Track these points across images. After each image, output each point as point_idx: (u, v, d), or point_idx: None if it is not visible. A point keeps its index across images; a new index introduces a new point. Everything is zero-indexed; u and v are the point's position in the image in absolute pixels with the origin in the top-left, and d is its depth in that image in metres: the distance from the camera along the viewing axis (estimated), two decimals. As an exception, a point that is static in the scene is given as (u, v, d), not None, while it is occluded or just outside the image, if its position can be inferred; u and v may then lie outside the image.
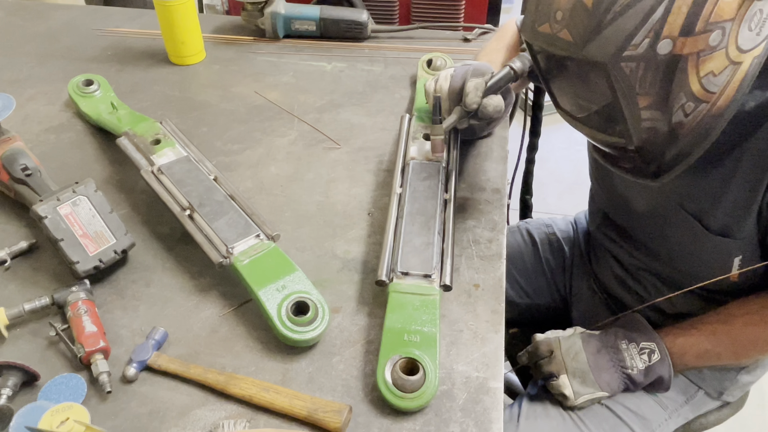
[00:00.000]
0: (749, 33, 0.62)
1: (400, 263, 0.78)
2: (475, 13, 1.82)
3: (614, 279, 1.06)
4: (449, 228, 0.83)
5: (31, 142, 1.07)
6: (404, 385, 0.67)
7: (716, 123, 0.66)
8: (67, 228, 0.80)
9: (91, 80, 1.15)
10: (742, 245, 0.82)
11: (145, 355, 0.72)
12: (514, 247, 1.20)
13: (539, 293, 1.18)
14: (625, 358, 0.89)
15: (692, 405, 1.00)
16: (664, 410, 0.98)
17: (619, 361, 0.90)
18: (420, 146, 0.96)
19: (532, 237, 1.22)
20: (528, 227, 1.24)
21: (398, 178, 0.92)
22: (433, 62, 1.18)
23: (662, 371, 0.89)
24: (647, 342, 0.89)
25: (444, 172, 0.92)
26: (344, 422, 0.66)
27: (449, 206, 0.86)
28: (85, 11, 1.54)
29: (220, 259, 0.78)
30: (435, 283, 0.76)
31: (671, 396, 0.98)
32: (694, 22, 0.59)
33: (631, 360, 0.89)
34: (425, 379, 0.68)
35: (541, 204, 1.71)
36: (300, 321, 0.72)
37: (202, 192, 0.86)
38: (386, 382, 0.68)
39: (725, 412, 1.05)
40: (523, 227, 1.25)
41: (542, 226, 1.24)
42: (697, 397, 1.00)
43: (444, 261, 0.78)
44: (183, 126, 1.09)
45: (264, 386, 0.69)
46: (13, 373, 0.69)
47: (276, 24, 1.34)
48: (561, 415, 0.94)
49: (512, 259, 1.19)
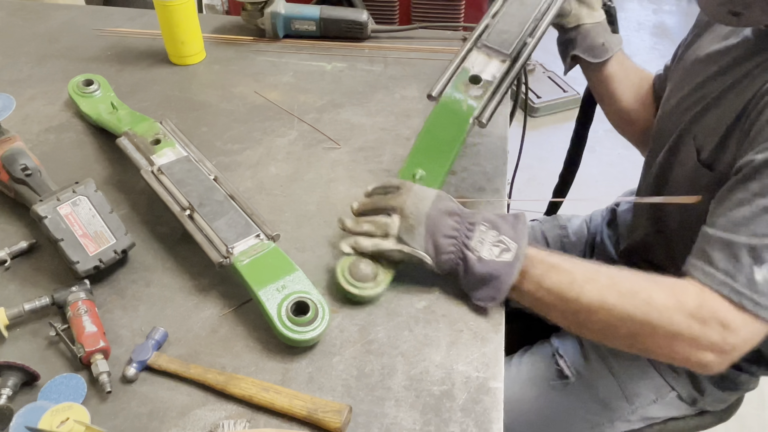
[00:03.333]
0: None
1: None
2: (475, 13, 1.82)
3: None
4: None
5: (31, 142, 1.07)
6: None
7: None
8: (67, 228, 0.80)
9: (91, 80, 1.15)
10: (720, 183, 0.80)
11: (145, 355, 0.72)
12: None
13: None
14: (473, 236, 0.74)
15: (663, 405, 0.99)
16: (629, 404, 0.97)
17: (465, 236, 0.75)
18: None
19: (545, 238, 1.22)
20: (543, 228, 1.24)
21: None
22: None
23: (503, 273, 0.73)
24: (510, 240, 0.74)
25: None
26: (344, 422, 0.66)
27: None
28: (85, 11, 1.54)
29: (220, 259, 0.78)
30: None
31: (640, 392, 0.97)
32: None
33: (479, 243, 0.74)
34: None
35: (541, 204, 1.72)
36: (300, 321, 0.72)
37: (202, 192, 0.86)
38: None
39: (708, 420, 1.03)
40: (538, 228, 1.24)
41: (557, 227, 1.23)
42: (668, 398, 0.98)
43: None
44: (183, 126, 1.09)
45: (264, 386, 0.69)
46: (13, 373, 0.69)
47: (276, 24, 1.34)
48: (521, 387, 0.94)
49: None
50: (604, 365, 0.99)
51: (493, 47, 0.89)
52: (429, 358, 0.74)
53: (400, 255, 0.77)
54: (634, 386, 0.98)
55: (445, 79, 0.88)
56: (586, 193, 2.32)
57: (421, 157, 0.88)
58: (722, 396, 0.99)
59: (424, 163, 0.88)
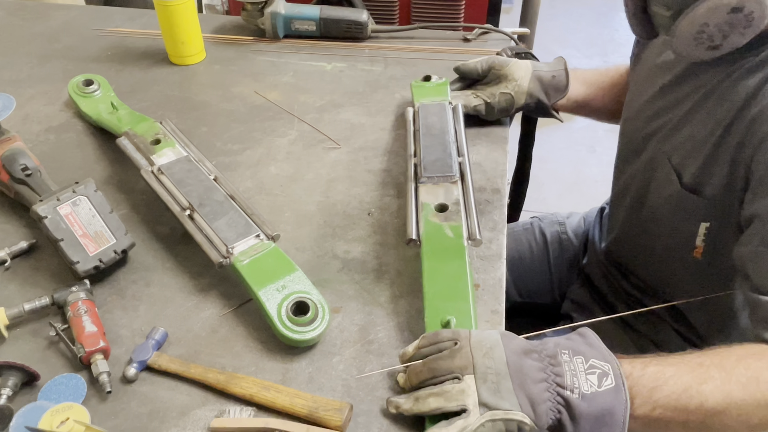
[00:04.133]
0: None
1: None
2: (475, 13, 1.82)
3: (597, 268, 1.06)
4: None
5: (31, 142, 1.07)
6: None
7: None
8: (67, 228, 0.80)
9: (91, 80, 1.15)
10: (710, 207, 0.80)
11: (146, 355, 0.72)
12: (524, 246, 1.20)
13: (541, 294, 1.19)
14: (564, 372, 0.60)
15: None
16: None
17: (555, 374, 0.61)
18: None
19: (544, 236, 1.22)
20: (542, 225, 1.24)
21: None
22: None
23: (615, 405, 0.59)
24: (600, 361, 0.62)
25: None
26: (345, 420, 0.66)
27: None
28: (85, 11, 1.54)
29: (220, 259, 0.78)
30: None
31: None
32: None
33: (573, 378, 0.60)
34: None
35: (541, 204, 1.72)
36: (300, 321, 0.72)
37: (202, 192, 0.86)
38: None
39: None
40: (536, 225, 1.24)
41: (555, 224, 1.23)
42: None
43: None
44: (183, 126, 1.09)
45: (264, 385, 0.69)
46: (13, 373, 0.69)
47: (276, 24, 1.34)
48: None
49: (521, 258, 1.18)
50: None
51: (436, 175, 0.87)
52: (429, 358, 0.74)
53: (494, 427, 0.59)
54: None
55: (414, 221, 0.82)
56: (585, 192, 2.33)
57: (438, 303, 0.74)
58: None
59: (445, 308, 0.73)
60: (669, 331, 0.98)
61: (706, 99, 0.81)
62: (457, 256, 0.77)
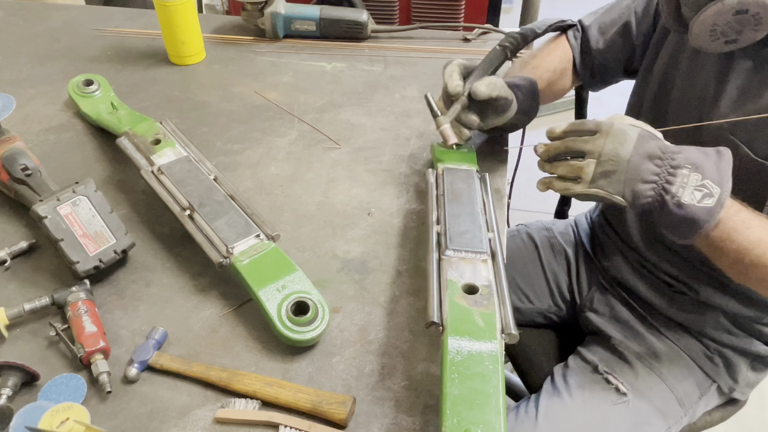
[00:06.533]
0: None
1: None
2: (475, 13, 1.82)
3: (626, 265, 1.05)
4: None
5: (31, 142, 1.07)
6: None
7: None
8: (67, 228, 0.80)
9: (91, 80, 1.15)
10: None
11: (147, 355, 0.72)
12: (513, 251, 1.20)
13: (540, 297, 1.18)
14: (675, 181, 0.71)
15: (705, 400, 0.99)
16: (681, 407, 0.97)
17: (667, 182, 0.71)
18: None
19: (532, 239, 1.22)
20: (528, 230, 1.24)
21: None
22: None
23: (702, 218, 0.71)
24: (714, 183, 0.70)
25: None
26: (349, 413, 0.66)
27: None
28: (85, 11, 1.54)
29: (220, 259, 0.78)
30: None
31: (689, 392, 0.97)
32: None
33: (680, 188, 0.70)
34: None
35: (541, 204, 1.71)
36: (300, 321, 0.72)
37: (202, 192, 0.86)
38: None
39: (729, 410, 1.05)
40: (522, 230, 1.24)
41: (542, 229, 1.24)
42: (710, 392, 0.99)
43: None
44: (183, 126, 1.09)
45: (267, 381, 0.69)
46: (13, 373, 0.69)
47: (276, 24, 1.34)
48: (584, 413, 0.93)
49: (513, 262, 1.18)
50: (651, 372, 0.98)
51: (464, 249, 0.75)
52: (429, 359, 0.74)
53: (591, 199, 0.75)
54: (682, 386, 0.98)
55: (436, 301, 0.69)
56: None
57: (461, 409, 0.60)
58: (754, 378, 1.00)
59: (469, 416, 0.59)
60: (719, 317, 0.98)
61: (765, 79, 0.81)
62: (492, 360, 0.63)
